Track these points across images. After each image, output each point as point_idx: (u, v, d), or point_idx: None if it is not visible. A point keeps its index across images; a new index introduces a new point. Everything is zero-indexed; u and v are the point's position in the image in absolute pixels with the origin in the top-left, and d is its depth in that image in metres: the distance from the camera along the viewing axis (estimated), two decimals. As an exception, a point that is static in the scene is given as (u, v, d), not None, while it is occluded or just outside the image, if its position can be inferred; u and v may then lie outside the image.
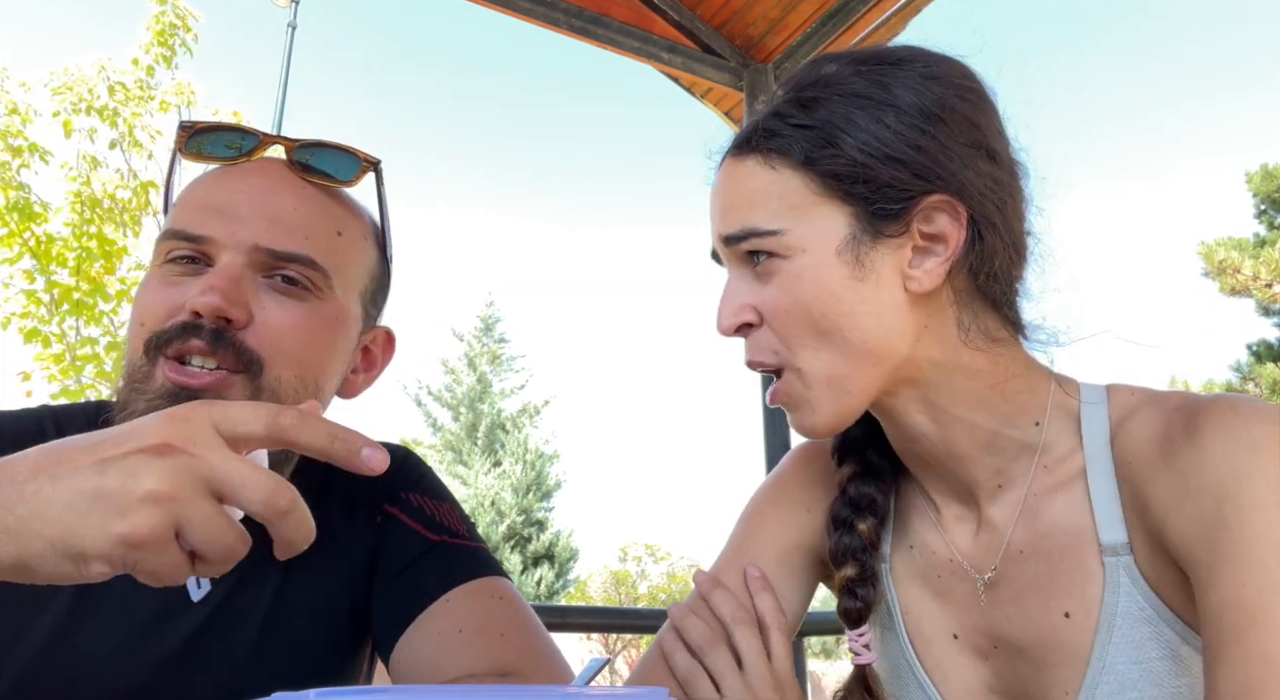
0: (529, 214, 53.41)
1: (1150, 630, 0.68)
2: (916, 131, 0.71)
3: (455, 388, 21.72)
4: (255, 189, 0.81)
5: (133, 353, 0.78)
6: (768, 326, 0.74)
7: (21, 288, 6.92)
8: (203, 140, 0.84)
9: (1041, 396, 0.75)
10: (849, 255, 0.71)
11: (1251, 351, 13.56)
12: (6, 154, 6.87)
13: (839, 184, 0.71)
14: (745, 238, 0.73)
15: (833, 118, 0.72)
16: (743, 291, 0.75)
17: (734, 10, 2.98)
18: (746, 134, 0.76)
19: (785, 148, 0.73)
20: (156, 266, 0.81)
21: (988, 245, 0.72)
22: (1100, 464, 0.72)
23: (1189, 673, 0.67)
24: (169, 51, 7.59)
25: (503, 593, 0.86)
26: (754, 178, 0.74)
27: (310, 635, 0.84)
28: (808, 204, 0.72)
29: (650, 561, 24.88)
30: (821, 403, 0.73)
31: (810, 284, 0.71)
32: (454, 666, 0.79)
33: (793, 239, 0.72)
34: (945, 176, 0.70)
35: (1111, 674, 0.69)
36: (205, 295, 0.74)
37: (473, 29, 57.42)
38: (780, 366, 0.74)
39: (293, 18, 8.51)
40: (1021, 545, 0.75)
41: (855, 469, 0.84)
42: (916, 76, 0.73)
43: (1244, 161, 34.54)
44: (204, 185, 0.83)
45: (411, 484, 0.94)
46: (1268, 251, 12.40)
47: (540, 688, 0.50)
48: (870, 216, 0.71)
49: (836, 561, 0.82)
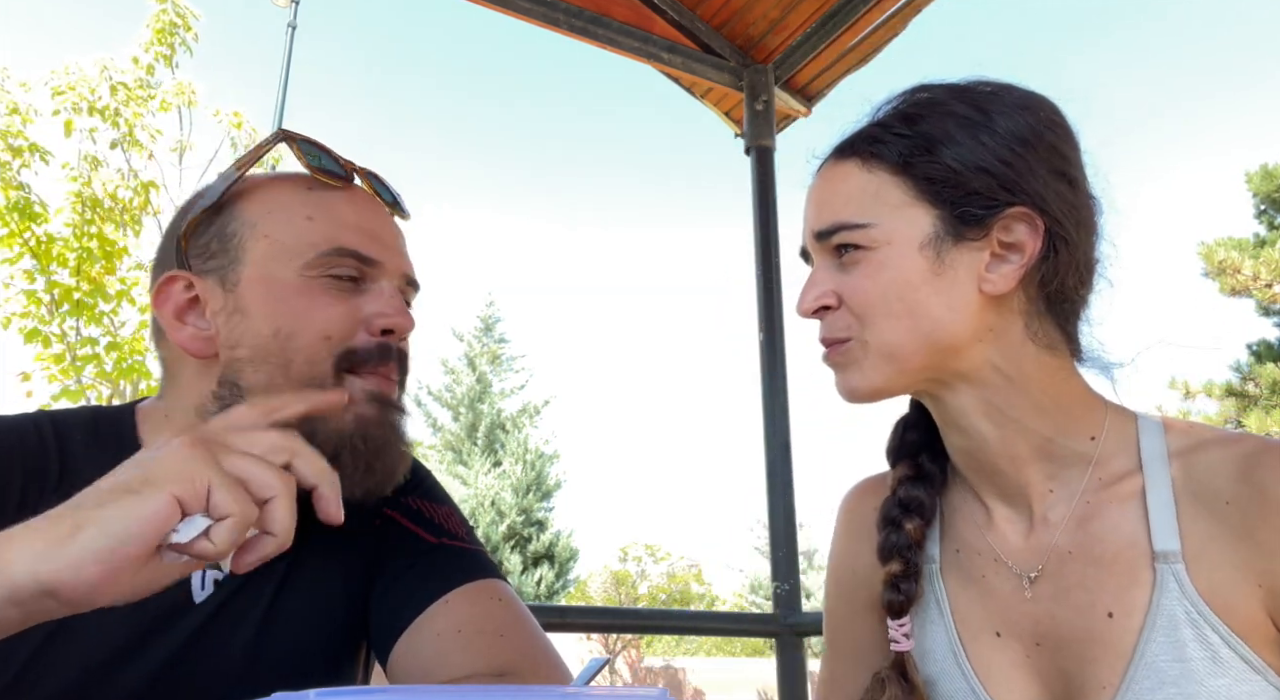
0: (529, 214, 53.42)
1: (1193, 632, 0.72)
2: (1007, 150, 0.78)
3: (455, 388, 21.73)
4: (385, 219, 0.89)
5: (316, 364, 0.80)
6: (845, 308, 0.80)
7: (22, 288, 6.92)
8: (308, 150, 0.86)
9: (1099, 415, 0.82)
10: (930, 252, 0.78)
11: (1251, 351, 13.55)
12: (7, 154, 6.87)
13: (930, 187, 0.78)
14: (836, 231, 0.80)
15: (933, 131, 0.79)
16: (825, 279, 0.82)
17: (734, 10, 2.97)
18: (849, 140, 0.84)
19: (884, 152, 0.80)
20: (311, 277, 0.81)
21: (1060, 260, 0.78)
22: (1160, 483, 0.77)
23: (1228, 674, 0.71)
24: (169, 51, 7.60)
25: (501, 594, 0.86)
26: (851, 178, 0.81)
27: (307, 638, 0.84)
28: (898, 203, 0.79)
29: (650, 561, 24.90)
30: (873, 369, 0.80)
31: (892, 271, 0.78)
32: (453, 667, 0.79)
33: (879, 233, 0.79)
34: (1029, 192, 0.78)
35: (1151, 670, 0.73)
36: (402, 318, 0.83)
37: (473, 29, 57.45)
38: (850, 338, 0.81)
39: (293, 18, 8.52)
40: (1070, 546, 0.80)
41: (908, 472, 0.91)
42: (1012, 105, 0.80)
43: (1244, 161, 34.51)
44: (345, 207, 0.85)
45: (410, 487, 0.94)
46: (1268, 251, 12.39)
47: (540, 688, 0.50)
48: (955, 220, 0.78)
49: (883, 557, 0.88)
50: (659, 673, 20.64)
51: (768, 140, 2.92)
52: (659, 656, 23.16)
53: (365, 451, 0.79)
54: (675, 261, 55.99)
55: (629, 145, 54.62)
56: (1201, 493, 0.75)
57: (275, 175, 0.88)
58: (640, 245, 56.29)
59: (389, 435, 0.82)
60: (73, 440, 0.83)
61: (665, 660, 22.22)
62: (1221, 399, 12.91)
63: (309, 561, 0.86)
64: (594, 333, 52.33)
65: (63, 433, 0.83)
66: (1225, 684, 0.71)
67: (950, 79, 0.85)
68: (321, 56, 51.33)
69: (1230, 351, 13.34)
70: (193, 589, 0.80)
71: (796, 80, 3.08)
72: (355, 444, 0.79)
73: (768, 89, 2.97)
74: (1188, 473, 0.77)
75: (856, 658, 0.96)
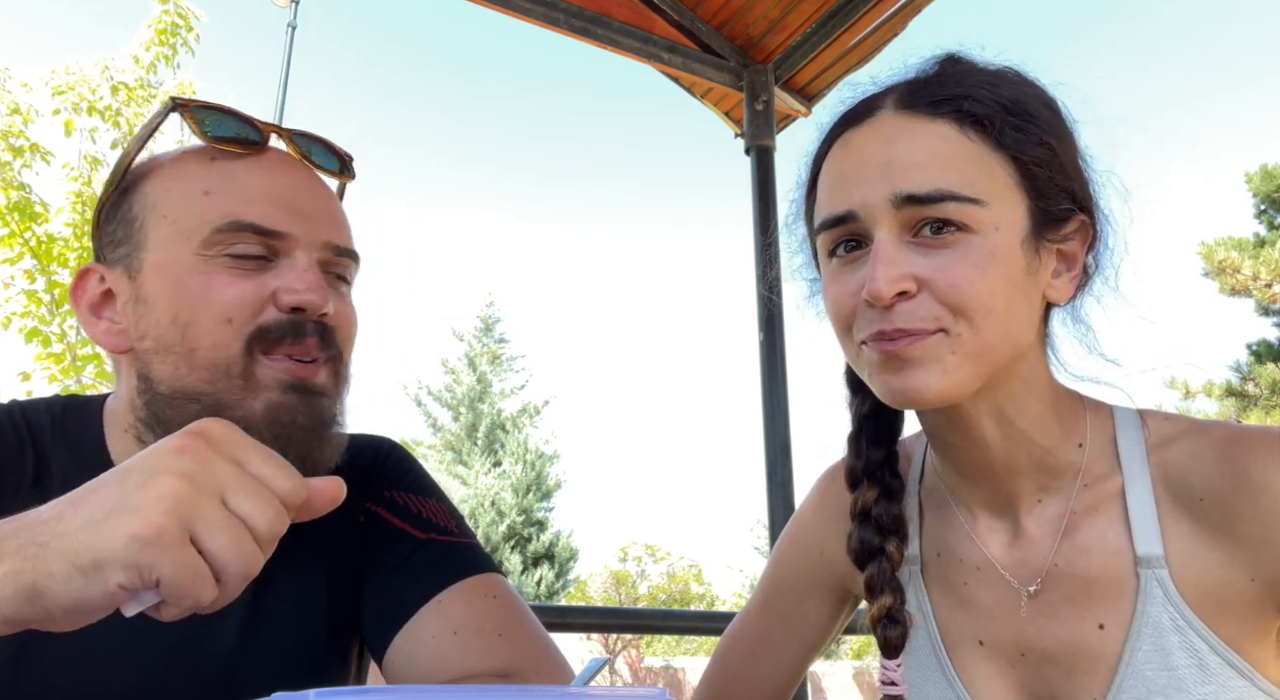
0: (529, 214, 53.41)
1: (1179, 639, 0.70)
2: (1074, 152, 0.74)
3: (455, 388, 21.72)
4: (302, 183, 0.81)
5: (221, 349, 0.74)
6: (928, 295, 0.68)
7: (22, 288, 6.91)
8: (205, 118, 0.79)
9: (1081, 419, 0.78)
10: (1030, 247, 0.70)
11: (1251, 351, 13.55)
12: (8, 154, 6.87)
13: (1026, 171, 0.70)
14: (941, 200, 0.67)
15: (1022, 101, 0.70)
16: (904, 259, 0.69)
17: (734, 10, 2.98)
18: (936, 90, 0.71)
19: (984, 116, 0.69)
20: (208, 257, 0.75)
21: (1089, 274, 0.76)
22: (1138, 482, 0.74)
23: (1214, 681, 0.69)
24: (170, 51, 7.59)
25: (497, 590, 0.85)
26: (949, 141, 0.70)
27: (290, 638, 0.82)
28: (1003, 185, 0.70)
29: (650, 561, 24.87)
30: (957, 370, 0.69)
31: (1003, 263, 0.68)
32: (452, 669, 0.78)
33: (989, 215, 0.68)
34: (1088, 206, 0.74)
35: (1138, 680, 0.71)
36: (313, 292, 0.76)
37: (473, 29, 57.41)
38: (939, 330, 0.69)
39: (293, 18, 8.52)
40: (1057, 558, 0.77)
41: (876, 492, 0.86)
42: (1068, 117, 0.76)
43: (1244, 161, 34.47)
44: (249, 177, 0.78)
45: (395, 481, 0.92)
46: (1268, 251, 12.39)
47: (540, 688, 0.50)
48: (1042, 215, 0.71)
49: (874, 591, 0.83)
50: (659, 673, 20.62)
51: (768, 140, 2.92)
52: (659, 656, 23.13)
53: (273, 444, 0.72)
54: (675, 261, 56.02)
55: (629, 145, 54.64)
56: (1178, 490, 0.72)
57: (179, 150, 0.82)
58: (640, 245, 56.32)
59: (305, 422, 0.76)
60: (41, 431, 0.82)
61: (665, 660, 22.19)
62: (1221, 399, 12.91)
63: (290, 563, 0.83)
64: (594, 333, 52.34)
65: (33, 424, 0.82)
66: (1212, 690, 0.69)
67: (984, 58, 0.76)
68: (321, 56, 51.34)
69: (1230, 351, 13.33)
70: None
71: (796, 80, 3.08)
72: (261, 435, 0.70)
73: (768, 89, 2.97)
74: (1164, 470, 0.73)
75: (798, 632, 0.95)
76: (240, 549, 0.50)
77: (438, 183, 56.47)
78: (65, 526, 0.49)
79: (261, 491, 0.51)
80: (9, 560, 0.49)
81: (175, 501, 0.48)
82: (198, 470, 0.50)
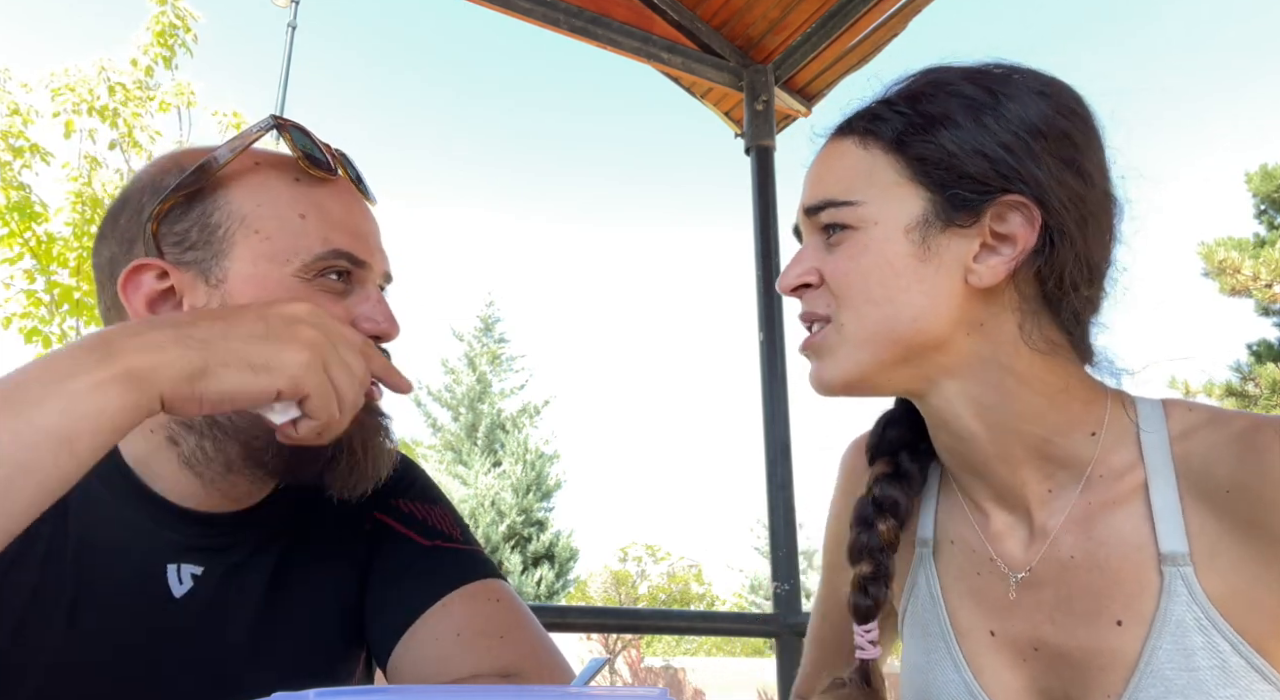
0: (529, 214, 53.42)
1: (1202, 640, 0.69)
2: (1010, 135, 0.74)
3: (455, 388, 21.73)
4: (367, 214, 0.87)
5: None
6: (825, 287, 0.78)
7: (22, 288, 6.91)
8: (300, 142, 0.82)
9: (1099, 410, 0.77)
10: (916, 235, 0.74)
11: (1251, 351, 13.55)
12: (7, 154, 6.87)
13: (922, 167, 0.75)
14: (823, 208, 0.77)
15: (934, 110, 0.76)
16: (811, 257, 0.79)
17: (734, 10, 2.97)
18: (850, 117, 0.81)
19: (881, 130, 0.77)
20: (307, 280, 0.78)
21: (1058, 255, 0.73)
22: (1162, 477, 0.73)
23: (1236, 684, 0.68)
24: (168, 52, 7.59)
25: (500, 595, 0.86)
26: (846, 156, 0.79)
27: (297, 643, 0.83)
28: (889, 183, 0.76)
29: (650, 561, 24.89)
30: (846, 358, 0.76)
31: (874, 254, 0.75)
32: (454, 670, 0.79)
33: (866, 212, 0.76)
34: (1028, 181, 0.73)
35: (1157, 679, 0.70)
36: (389, 323, 0.83)
37: (473, 29, 57.41)
38: (828, 317, 0.78)
39: (293, 18, 8.51)
40: (1074, 551, 0.76)
41: (885, 470, 0.88)
42: (1026, 90, 0.76)
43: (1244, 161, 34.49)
44: (333, 204, 0.82)
45: (402, 490, 0.93)
46: (1268, 251, 12.39)
47: (540, 688, 0.50)
48: (945, 203, 0.74)
49: (853, 558, 0.86)
50: (659, 673, 20.62)
51: (768, 140, 2.92)
52: (659, 656, 23.14)
53: (361, 455, 0.79)
54: (675, 261, 55.99)
55: (629, 145, 54.63)
56: (1203, 484, 0.71)
57: (259, 160, 0.81)
58: (640, 245, 56.29)
59: (379, 438, 0.82)
60: None
61: (665, 660, 22.21)
62: (1221, 399, 12.91)
63: (298, 566, 0.85)
64: (594, 333, 52.32)
65: None
66: (1234, 694, 0.67)
67: (967, 61, 0.80)
68: (321, 56, 51.32)
69: (1230, 351, 13.34)
70: (169, 583, 0.79)
71: (796, 80, 3.08)
72: (354, 448, 0.78)
73: (768, 89, 2.97)
74: (1188, 462, 0.72)
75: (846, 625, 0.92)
76: (353, 386, 0.67)
77: (437, 182, 56.48)
78: (223, 334, 0.61)
79: (354, 350, 0.68)
80: (172, 348, 0.59)
81: (316, 345, 0.64)
82: (326, 325, 0.66)
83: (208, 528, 0.81)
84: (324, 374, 0.64)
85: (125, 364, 0.57)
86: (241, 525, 0.83)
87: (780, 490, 2.60)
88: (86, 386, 0.56)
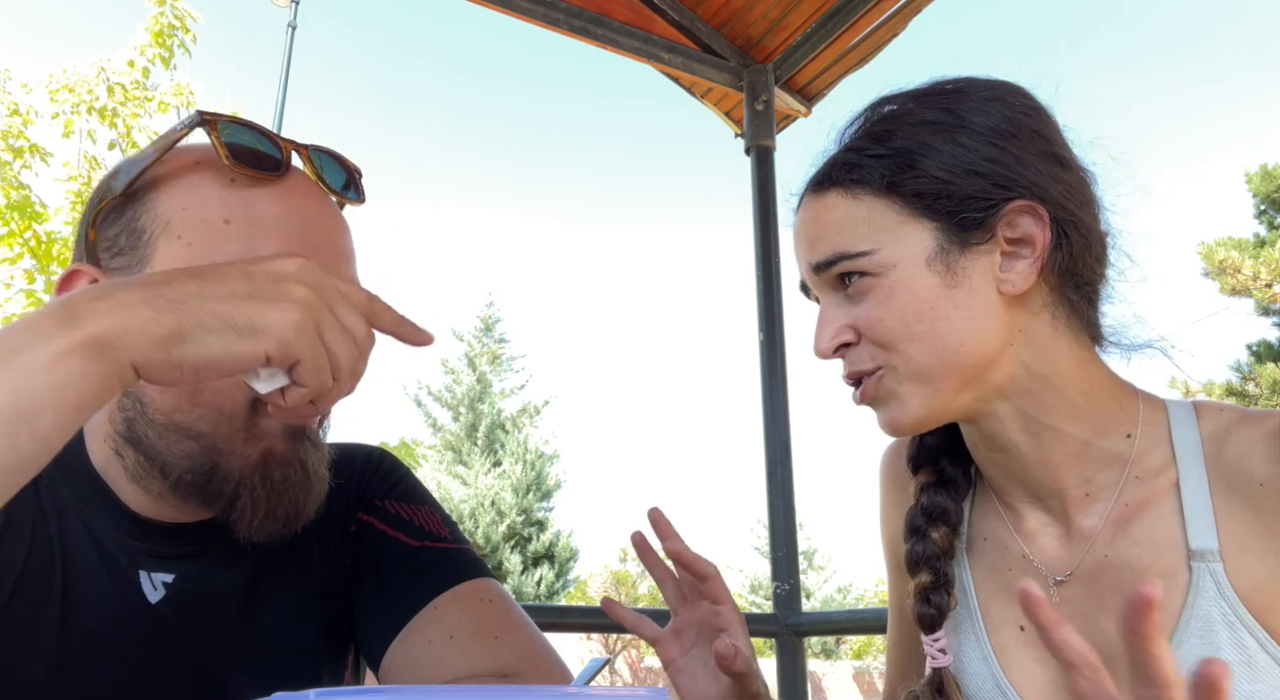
0: (529, 214, 53.39)
1: (1228, 635, 0.70)
2: (990, 146, 0.76)
3: (455, 388, 21.70)
4: (320, 214, 0.77)
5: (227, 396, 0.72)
6: (865, 341, 0.78)
7: (21, 288, 6.91)
8: (231, 135, 0.74)
9: (1131, 410, 0.79)
10: (939, 265, 0.75)
11: (1251, 351, 13.55)
12: (7, 154, 6.87)
13: (922, 201, 0.76)
14: (836, 261, 0.77)
15: (908, 145, 0.77)
16: (837, 315, 0.79)
17: (734, 10, 2.97)
18: (824, 171, 0.81)
19: (865, 177, 0.77)
20: None
21: (1074, 244, 0.76)
22: (1194, 475, 0.75)
23: (1263, 680, 0.69)
24: (167, 52, 7.58)
25: (492, 594, 0.85)
26: (838, 208, 0.79)
27: (279, 646, 0.82)
28: (894, 224, 0.76)
29: (650, 561, 24.81)
30: (911, 398, 0.77)
31: (904, 295, 0.75)
32: (449, 672, 0.78)
33: (883, 257, 0.76)
34: (1023, 184, 0.75)
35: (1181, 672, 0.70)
36: None
37: (473, 29, 57.40)
38: (878, 368, 0.78)
39: (293, 18, 8.51)
40: (1108, 551, 0.77)
41: (930, 478, 0.88)
42: (979, 99, 0.78)
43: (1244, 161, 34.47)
44: (269, 206, 0.74)
45: (387, 490, 0.91)
46: (1268, 251, 12.40)
47: (540, 688, 0.50)
48: (956, 228, 0.75)
49: (912, 570, 0.86)
50: (659, 673, 20.60)
51: (768, 140, 2.92)
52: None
53: (264, 494, 0.73)
54: (675, 261, 55.97)
55: (629, 145, 54.63)
56: (1234, 479, 0.73)
57: (199, 160, 0.75)
58: (640, 245, 56.27)
59: (293, 476, 0.75)
60: None
61: (665, 660, 22.16)
62: (1221, 399, 12.91)
63: (278, 571, 0.83)
64: (594, 333, 52.31)
65: None
66: (1259, 690, 0.68)
67: (909, 86, 0.82)
68: (321, 56, 51.31)
69: (1230, 351, 13.34)
70: (144, 589, 0.78)
71: (796, 80, 3.08)
72: (254, 485, 0.72)
73: (768, 89, 2.97)
74: (1220, 460, 0.74)
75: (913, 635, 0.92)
76: (350, 351, 0.59)
77: (437, 182, 56.43)
78: (198, 292, 0.54)
79: (354, 309, 0.60)
80: (142, 310, 0.52)
81: (309, 305, 0.56)
82: (321, 282, 0.58)
83: (174, 538, 0.79)
84: (316, 336, 0.57)
85: (89, 330, 0.50)
86: (211, 532, 0.78)
87: (780, 490, 2.60)
88: (46, 358, 0.49)
